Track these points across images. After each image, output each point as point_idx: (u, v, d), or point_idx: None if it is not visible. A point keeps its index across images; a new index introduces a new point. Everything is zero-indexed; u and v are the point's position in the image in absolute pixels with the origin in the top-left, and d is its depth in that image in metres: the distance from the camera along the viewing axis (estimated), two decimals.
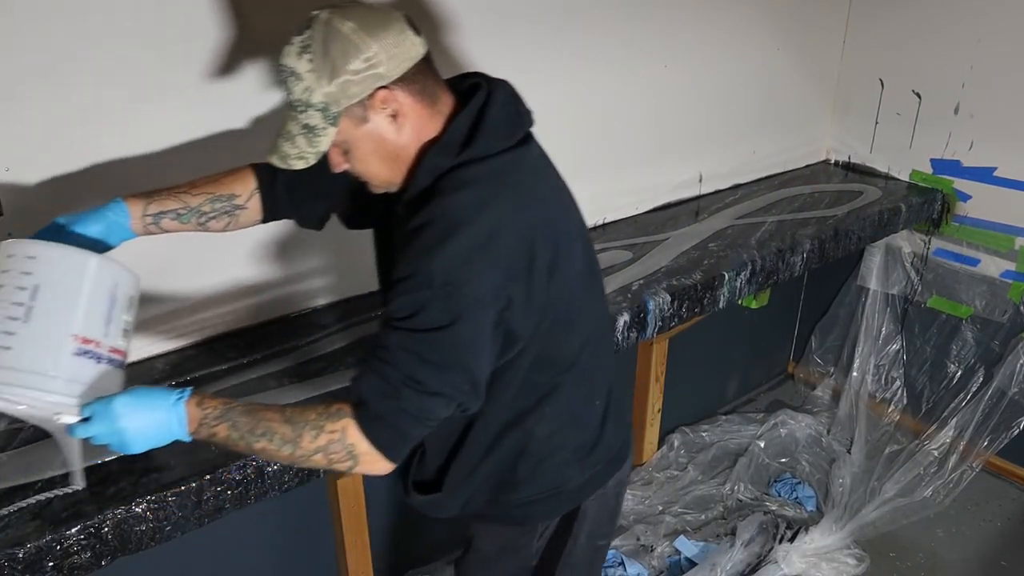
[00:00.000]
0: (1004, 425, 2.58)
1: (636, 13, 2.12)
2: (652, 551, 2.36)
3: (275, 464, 1.32)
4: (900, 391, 2.90)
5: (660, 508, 2.54)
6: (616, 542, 2.37)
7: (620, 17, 2.09)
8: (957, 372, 2.75)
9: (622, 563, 2.29)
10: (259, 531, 1.88)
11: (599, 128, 2.18)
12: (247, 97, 1.54)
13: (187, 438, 1.08)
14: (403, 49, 1.06)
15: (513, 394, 1.23)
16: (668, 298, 1.88)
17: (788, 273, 2.22)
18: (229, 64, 1.50)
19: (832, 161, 2.95)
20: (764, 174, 2.76)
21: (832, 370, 3.10)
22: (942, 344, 2.78)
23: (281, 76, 1.07)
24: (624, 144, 2.26)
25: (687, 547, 2.37)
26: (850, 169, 2.88)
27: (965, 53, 2.47)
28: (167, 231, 1.26)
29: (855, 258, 2.91)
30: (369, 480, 1.92)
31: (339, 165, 1.14)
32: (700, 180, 2.52)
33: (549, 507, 1.38)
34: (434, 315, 1.03)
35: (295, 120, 1.08)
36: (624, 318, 1.79)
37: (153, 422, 1.06)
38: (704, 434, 2.87)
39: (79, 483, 1.19)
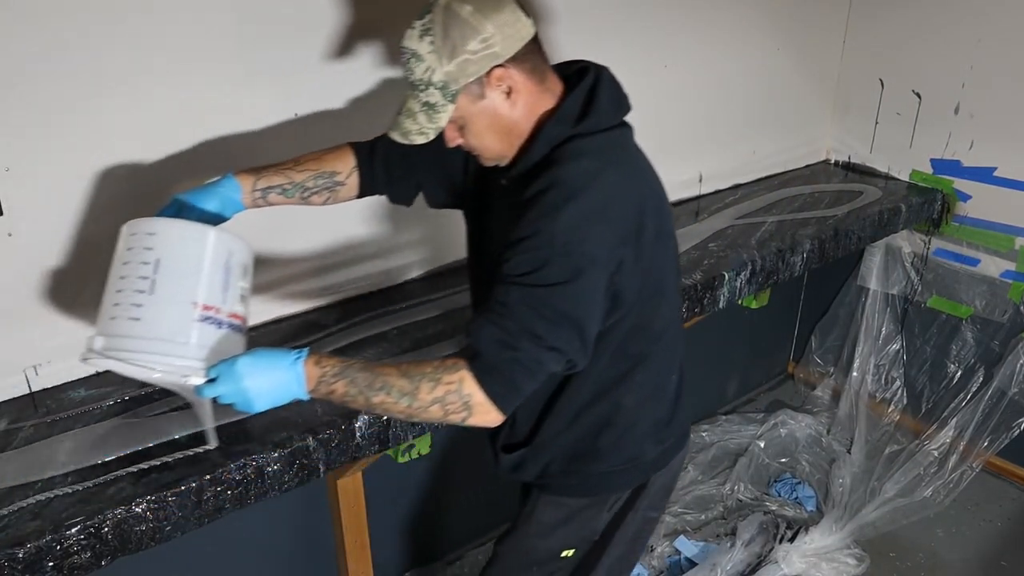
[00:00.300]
0: (1004, 425, 2.59)
1: (636, 13, 2.12)
2: (652, 551, 2.36)
3: (275, 465, 1.32)
4: (900, 391, 2.90)
5: None
6: None
7: (620, 17, 2.09)
8: (957, 372, 2.75)
9: None
10: (259, 531, 1.88)
11: None
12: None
13: (306, 396, 1.13)
14: (516, 29, 1.14)
15: (607, 362, 1.28)
16: None
17: (788, 273, 2.22)
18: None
19: (832, 161, 2.95)
20: (764, 174, 2.76)
21: (832, 370, 3.10)
22: (942, 344, 2.78)
23: (403, 57, 1.15)
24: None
25: (687, 547, 2.37)
26: (850, 169, 2.88)
27: (965, 53, 2.47)
28: (272, 204, 1.36)
29: (855, 258, 2.91)
30: (369, 480, 1.93)
31: (454, 140, 1.23)
32: (700, 180, 2.52)
33: (623, 479, 1.43)
34: (554, 272, 1.10)
35: (416, 98, 1.16)
36: None
37: (274, 381, 1.11)
38: (704, 434, 2.87)
39: (212, 442, 1.28)
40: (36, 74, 1.30)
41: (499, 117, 1.19)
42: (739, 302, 2.26)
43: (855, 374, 2.93)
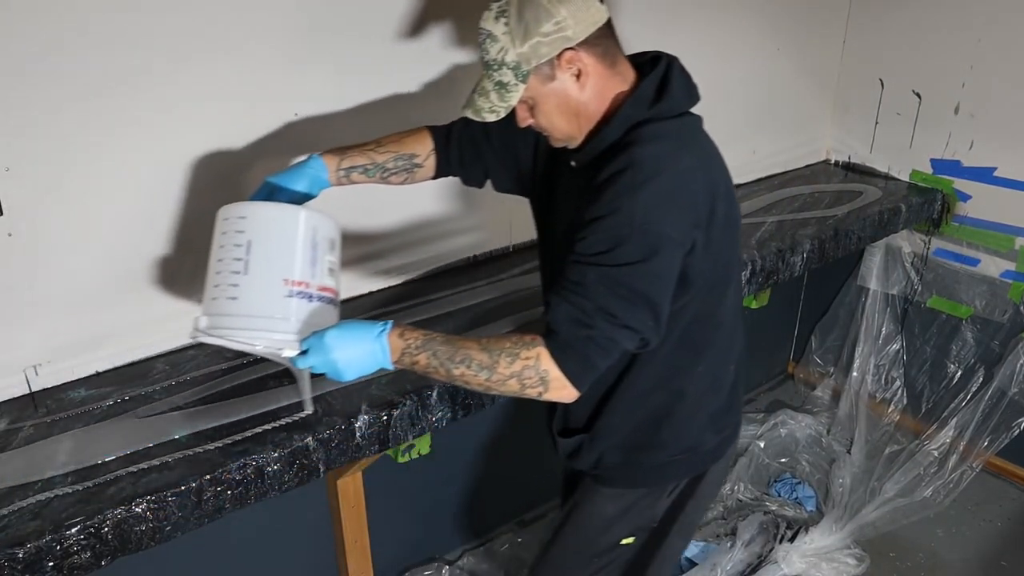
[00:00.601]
0: (1004, 425, 2.58)
1: (635, 13, 2.12)
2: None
3: (275, 465, 1.32)
4: (900, 391, 2.90)
5: None
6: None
7: (619, 19, 2.09)
8: (957, 372, 2.75)
9: None
10: (259, 531, 1.88)
11: None
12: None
13: (391, 367, 1.19)
14: (589, 14, 1.17)
15: (670, 350, 1.30)
16: None
17: (788, 273, 2.21)
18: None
19: (832, 161, 2.95)
20: (764, 174, 2.76)
21: (832, 370, 3.10)
22: (942, 344, 2.78)
23: (480, 38, 1.19)
24: None
25: (688, 547, 2.36)
26: (850, 169, 2.88)
27: (965, 53, 2.47)
28: (355, 183, 1.43)
29: (855, 258, 2.91)
30: (369, 480, 1.93)
31: (525, 120, 1.26)
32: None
33: (681, 469, 1.45)
34: (630, 251, 1.13)
35: (489, 78, 1.20)
36: None
37: (360, 352, 1.17)
38: None
39: (309, 409, 1.40)
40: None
41: (568, 98, 1.21)
42: None
43: (855, 374, 2.93)
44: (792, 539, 2.39)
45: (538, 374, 1.16)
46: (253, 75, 1.53)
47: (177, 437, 1.34)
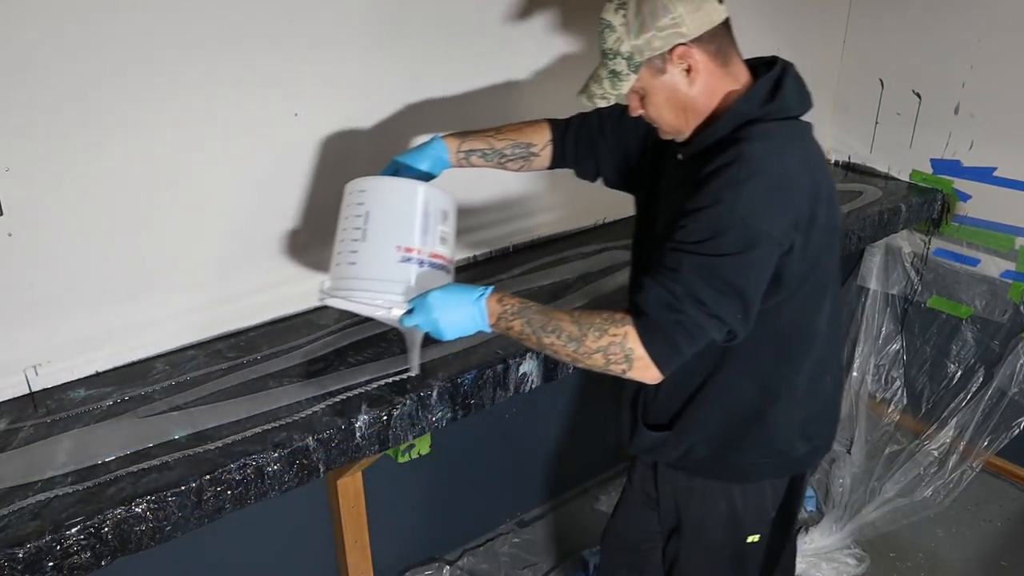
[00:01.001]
0: (1004, 425, 2.58)
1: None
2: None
3: (275, 465, 1.32)
4: (900, 391, 2.90)
5: None
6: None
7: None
8: (957, 372, 2.75)
9: None
10: (259, 531, 1.88)
11: None
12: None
13: (488, 330, 1.26)
14: (704, 13, 1.20)
15: (766, 355, 1.34)
16: None
17: None
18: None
19: (832, 161, 2.95)
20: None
21: None
22: (942, 344, 2.78)
23: (599, 27, 1.24)
24: None
25: None
26: (850, 169, 2.88)
27: (965, 53, 2.47)
28: (474, 166, 1.52)
29: (855, 258, 2.91)
30: (369, 480, 1.93)
31: (635, 110, 1.31)
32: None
33: (769, 470, 1.48)
34: (728, 242, 1.15)
35: (604, 66, 1.25)
36: None
37: (460, 314, 1.25)
38: None
39: (415, 370, 1.47)
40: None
41: (677, 92, 1.25)
42: None
43: (855, 374, 2.92)
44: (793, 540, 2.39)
45: (624, 352, 1.18)
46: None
47: (177, 437, 1.34)
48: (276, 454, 1.32)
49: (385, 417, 1.44)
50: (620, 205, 2.34)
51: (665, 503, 1.58)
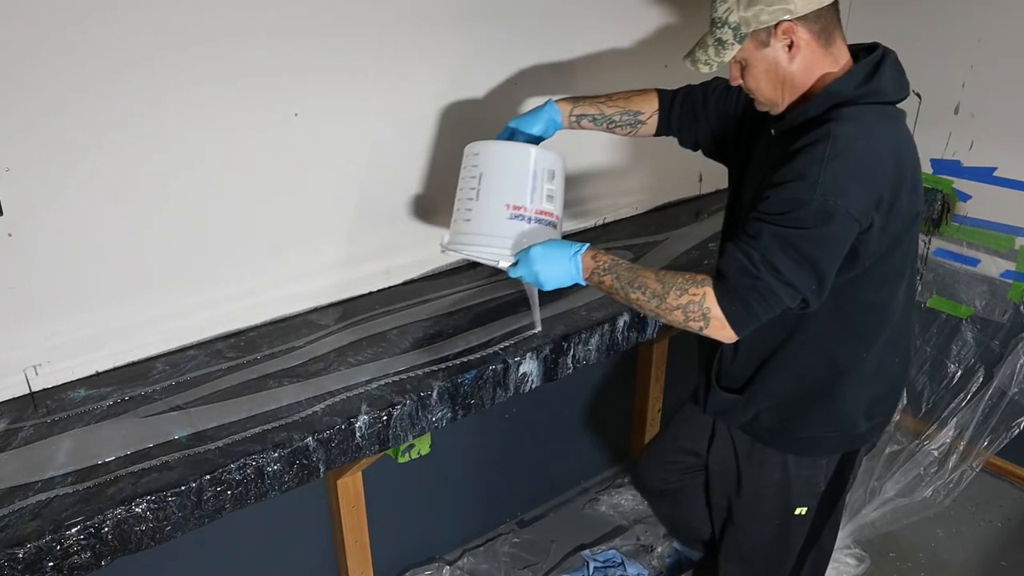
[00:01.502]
0: (1004, 425, 2.58)
1: (636, 13, 2.13)
2: (652, 551, 2.36)
3: (275, 465, 1.32)
4: None
5: None
6: (616, 542, 2.37)
7: (621, 21, 2.09)
8: (957, 372, 2.74)
9: (622, 563, 2.29)
10: (259, 531, 1.88)
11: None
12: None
13: (583, 283, 1.39)
14: None
15: (839, 332, 1.41)
16: None
17: None
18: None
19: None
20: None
21: None
22: (942, 344, 2.77)
23: None
24: (625, 144, 2.26)
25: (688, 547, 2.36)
26: None
27: (965, 53, 2.47)
28: (584, 129, 1.64)
29: None
30: (369, 480, 1.93)
31: (735, 79, 1.38)
32: (700, 180, 2.52)
33: (830, 445, 1.55)
34: (808, 215, 1.22)
35: (712, 34, 1.32)
36: (624, 318, 1.79)
37: (558, 268, 1.38)
38: None
39: (538, 327, 1.66)
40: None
41: (777, 66, 1.31)
42: None
43: None
44: None
45: (701, 310, 1.27)
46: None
47: (177, 437, 1.35)
48: (276, 454, 1.32)
49: (385, 417, 1.44)
50: (619, 206, 2.35)
51: (727, 463, 1.66)
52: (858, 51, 1.36)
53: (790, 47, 1.29)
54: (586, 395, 2.52)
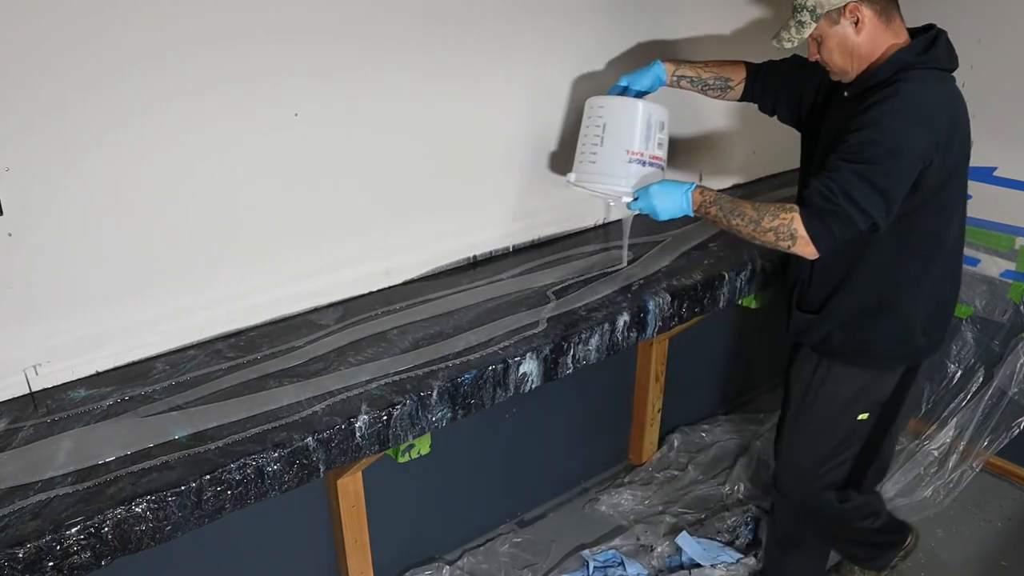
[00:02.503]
0: (1004, 425, 2.58)
1: (640, 15, 2.13)
2: (652, 551, 2.36)
3: (275, 465, 1.32)
4: None
5: (660, 508, 2.54)
6: (616, 542, 2.37)
7: (625, 22, 2.10)
8: (957, 372, 2.74)
9: (622, 563, 2.29)
10: (259, 531, 1.88)
11: None
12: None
13: (691, 214, 1.69)
14: None
15: (900, 257, 1.70)
16: (668, 298, 1.88)
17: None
18: None
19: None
20: (765, 174, 2.76)
21: None
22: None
23: None
24: None
25: (688, 546, 2.36)
26: None
27: (965, 53, 2.44)
28: (681, 88, 1.95)
29: None
30: (369, 480, 1.93)
31: (813, 55, 1.68)
32: (700, 180, 2.52)
33: (893, 355, 1.83)
34: (879, 153, 1.52)
35: (793, 17, 1.62)
36: (624, 318, 1.79)
37: (672, 202, 1.69)
38: (704, 434, 2.87)
39: (624, 262, 2.02)
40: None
41: (846, 40, 1.61)
42: (739, 302, 2.26)
43: None
44: None
45: (789, 231, 1.56)
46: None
47: (177, 437, 1.35)
48: (276, 454, 1.32)
49: (385, 417, 1.44)
50: (619, 206, 2.35)
51: (799, 379, 1.91)
52: (914, 31, 1.65)
53: (856, 23, 1.58)
54: (586, 395, 2.52)
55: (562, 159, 2.12)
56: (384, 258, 1.89)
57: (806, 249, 1.57)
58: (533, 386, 1.66)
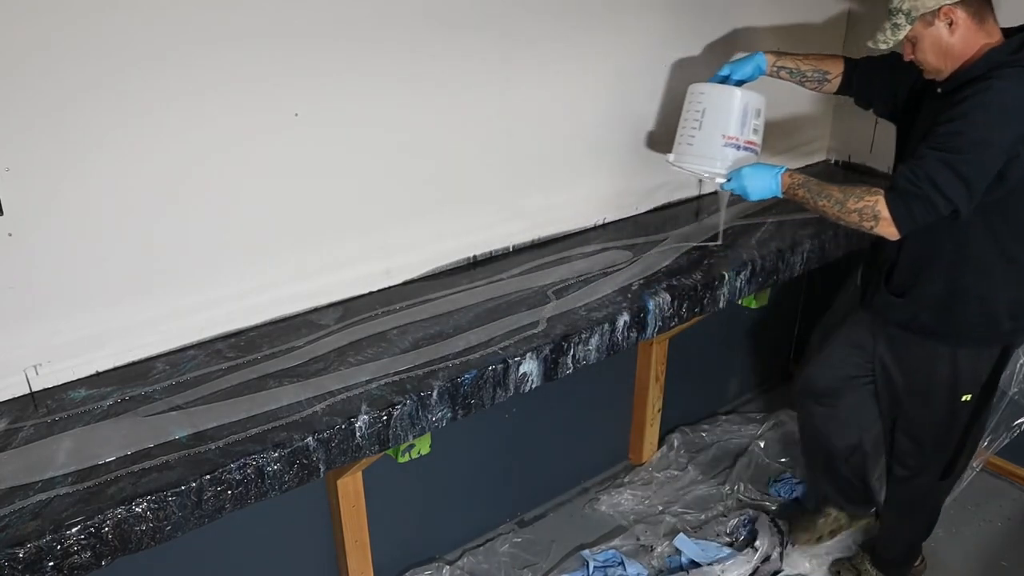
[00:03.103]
0: (1004, 425, 2.57)
1: (644, 16, 2.13)
2: (652, 551, 2.36)
3: (275, 465, 1.32)
4: None
5: (660, 508, 2.54)
6: (616, 542, 2.37)
7: (624, 23, 2.10)
8: None
9: (622, 563, 2.29)
10: (259, 531, 1.88)
11: (598, 132, 2.19)
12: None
13: (780, 195, 1.81)
14: None
15: (986, 247, 1.75)
16: (668, 298, 1.88)
17: (788, 273, 2.22)
18: None
19: (832, 161, 2.95)
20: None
21: None
22: None
23: None
24: (625, 146, 2.26)
25: (687, 547, 2.36)
26: (850, 169, 2.88)
27: None
28: (781, 79, 2.05)
29: (855, 258, 2.90)
30: (369, 480, 1.93)
31: (908, 55, 1.74)
32: (700, 180, 2.52)
33: (980, 338, 1.87)
34: (965, 142, 1.58)
35: (889, 19, 1.68)
36: (624, 318, 1.79)
37: (763, 183, 1.81)
38: (704, 434, 2.87)
39: (720, 240, 2.16)
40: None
41: (940, 41, 1.65)
42: (739, 302, 2.26)
43: None
44: (794, 541, 2.39)
45: (873, 212, 1.65)
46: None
47: (177, 437, 1.35)
48: (276, 454, 1.32)
49: (385, 417, 1.44)
50: (620, 206, 2.35)
51: (897, 366, 1.97)
52: (1009, 31, 1.69)
53: (950, 25, 1.62)
54: (586, 395, 2.52)
55: (563, 158, 2.12)
56: (384, 258, 1.89)
57: (888, 230, 1.64)
58: (533, 386, 1.66)
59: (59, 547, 1.14)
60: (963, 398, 1.93)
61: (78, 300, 1.48)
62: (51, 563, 1.14)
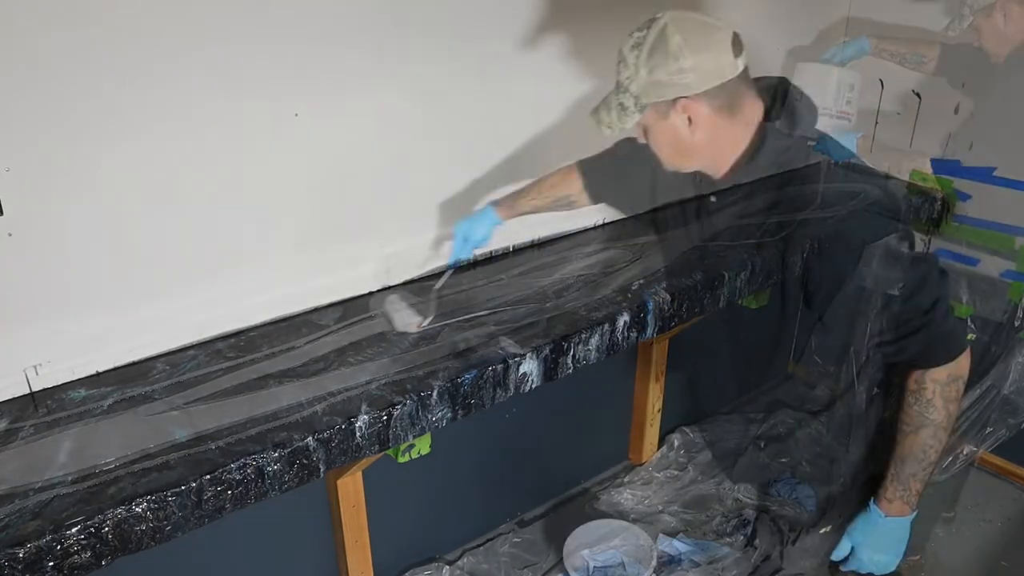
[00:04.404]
0: (1004, 425, 2.58)
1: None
2: (652, 551, 2.36)
3: (275, 465, 1.32)
4: None
5: (660, 508, 2.54)
6: (616, 542, 2.37)
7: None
8: None
9: (622, 563, 2.29)
10: (259, 531, 1.88)
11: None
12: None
13: (855, 154, 1.68)
14: (716, 67, 1.26)
15: None
16: (668, 298, 1.88)
17: (788, 273, 2.21)
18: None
19: (832, 161, 2.94)
20: (764, 174, 2.75)
21: (832, 369, 3.09)
22: None
23: (617, 58, 1.31)
24: None
25: (688, 546, 2.37)
26: (850, 169, 2.87)
27: None
28: (882, 59, 2.36)
29: (855, 258, 2.90)
30: (369, 480, 1.93)
31: (641, 138, 1.44)
32: (699, 181, 2.52)
33: None
34: None
35: (616, 96, 1.34)
36: (624, 318, 1.79)
37: (846, 145, 1.64)
38: (704, 434, 2.87)
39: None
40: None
41: (678, 138, 1.36)
42: (739, 302, 2.26)
43: None
44: (794, 541, 2.38)
45: None
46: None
47: (177, 437, 1.35)
48: (276, 454, 1.32)
49: (385, 417, 1.44)
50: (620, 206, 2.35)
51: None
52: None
53: (690, 121, 1.31)
54: (586, 395, 2.52)
55: (560, 160, 2.12)
56: (384, 258, 1.89)
57: None
58: (533, 386, 1.66)
59: (59, 547, 1.14)
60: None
61: (78, 300, 1.48)
62: (51, 563, 1.14)
